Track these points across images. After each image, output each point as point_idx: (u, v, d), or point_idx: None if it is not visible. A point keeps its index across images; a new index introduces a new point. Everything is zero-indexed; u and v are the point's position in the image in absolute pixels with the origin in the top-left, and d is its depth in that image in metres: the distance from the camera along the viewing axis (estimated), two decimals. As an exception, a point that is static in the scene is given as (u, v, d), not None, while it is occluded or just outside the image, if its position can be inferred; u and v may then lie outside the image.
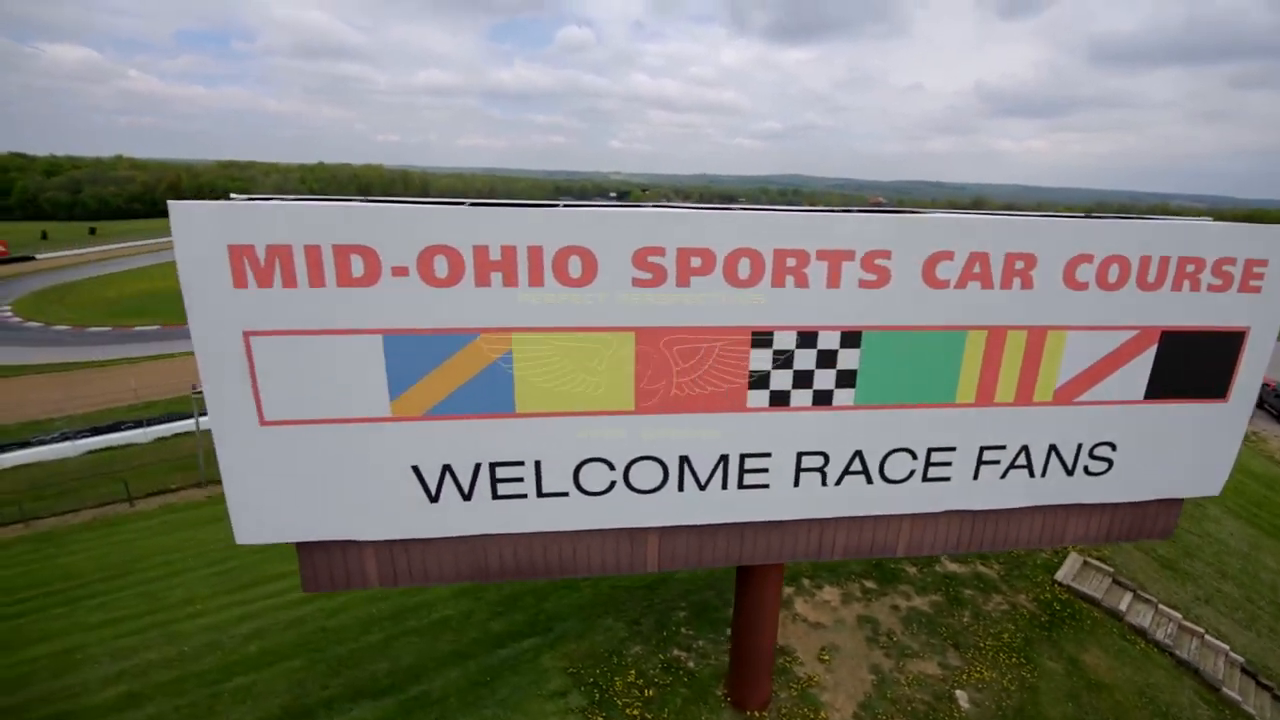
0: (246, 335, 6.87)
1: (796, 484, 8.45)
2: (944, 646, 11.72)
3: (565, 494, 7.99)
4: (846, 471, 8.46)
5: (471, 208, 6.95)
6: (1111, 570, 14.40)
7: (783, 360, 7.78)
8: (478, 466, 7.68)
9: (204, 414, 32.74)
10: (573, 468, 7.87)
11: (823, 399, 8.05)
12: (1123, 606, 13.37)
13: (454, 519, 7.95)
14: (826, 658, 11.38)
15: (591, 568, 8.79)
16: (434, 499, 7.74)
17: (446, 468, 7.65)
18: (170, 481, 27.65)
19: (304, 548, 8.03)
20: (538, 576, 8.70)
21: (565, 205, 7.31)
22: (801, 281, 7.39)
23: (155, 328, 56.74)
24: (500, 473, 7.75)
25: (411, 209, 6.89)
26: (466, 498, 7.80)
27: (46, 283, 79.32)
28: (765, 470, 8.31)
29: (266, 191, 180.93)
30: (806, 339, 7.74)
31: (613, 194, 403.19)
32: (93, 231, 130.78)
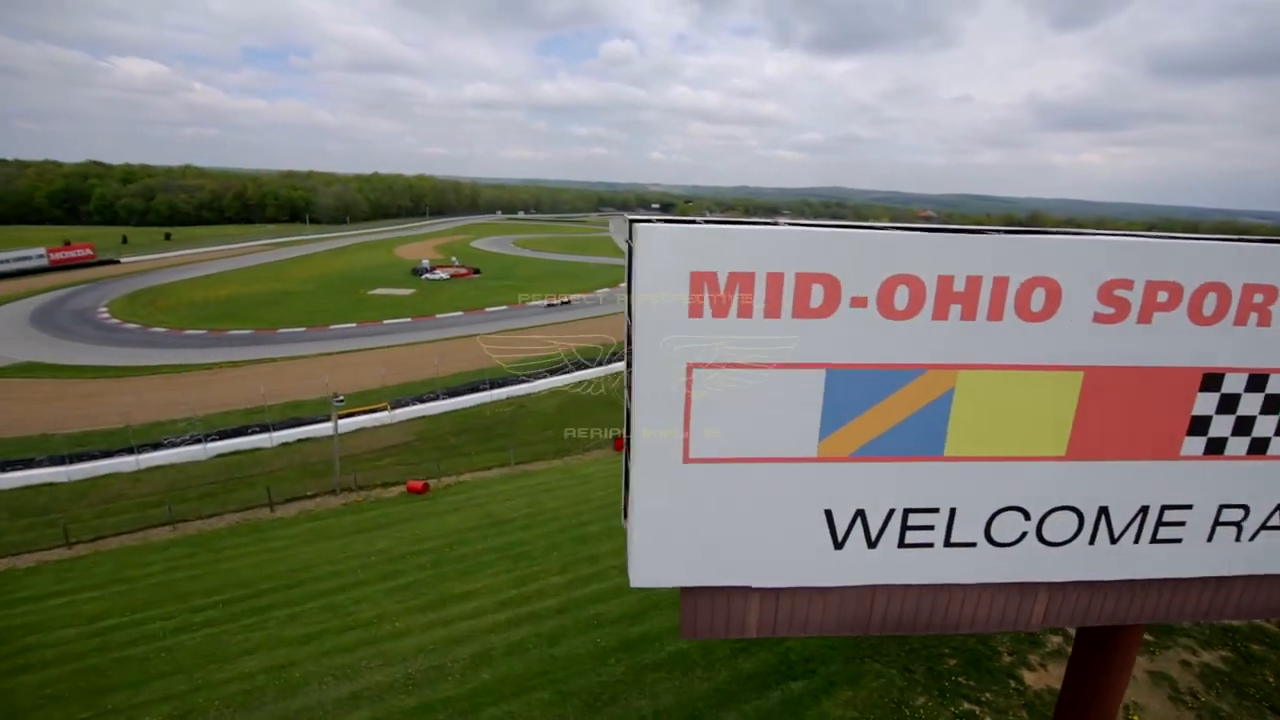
0: (690, 368, 6.41)
1: (1210, 538, 7.66)
2: (1261, 710, 10.73)
3: (973, 544, 7.31)
4: (1265, 526, 7.64)
5: (942, 234, 6.39)
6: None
7: (1227, 405, 7.03)
8: (891, 512, 7.06)
9: (343, 416, 33.23)
10: (987, 517, 7.19)
11: (1258, 447, 7.25)
12: None
13: (852, 567, 7.35)
14: (1136, 718, 10.50)
15: (975, 623, 8.11)
16: (839, 545, 7.14)
17: (859, 513, 7.05)
18: (305, 487, 27.91)
19: (688, 593, 7.50)
20: (917, 631, 8.04)
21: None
22: (1265, 320, 6.64)
23: (248, 332, 58.16)
24: (913, 519, 7.12)
25: (879, 235, 6.34)
26: (871, 545, 7.18)
27: (133, 286, 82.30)
28: (1182, 524, 7.53)
29: (328, 200, 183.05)
30: (1256, 382, 6.96)
31: (655, 205, 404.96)
32: (168, 237, 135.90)
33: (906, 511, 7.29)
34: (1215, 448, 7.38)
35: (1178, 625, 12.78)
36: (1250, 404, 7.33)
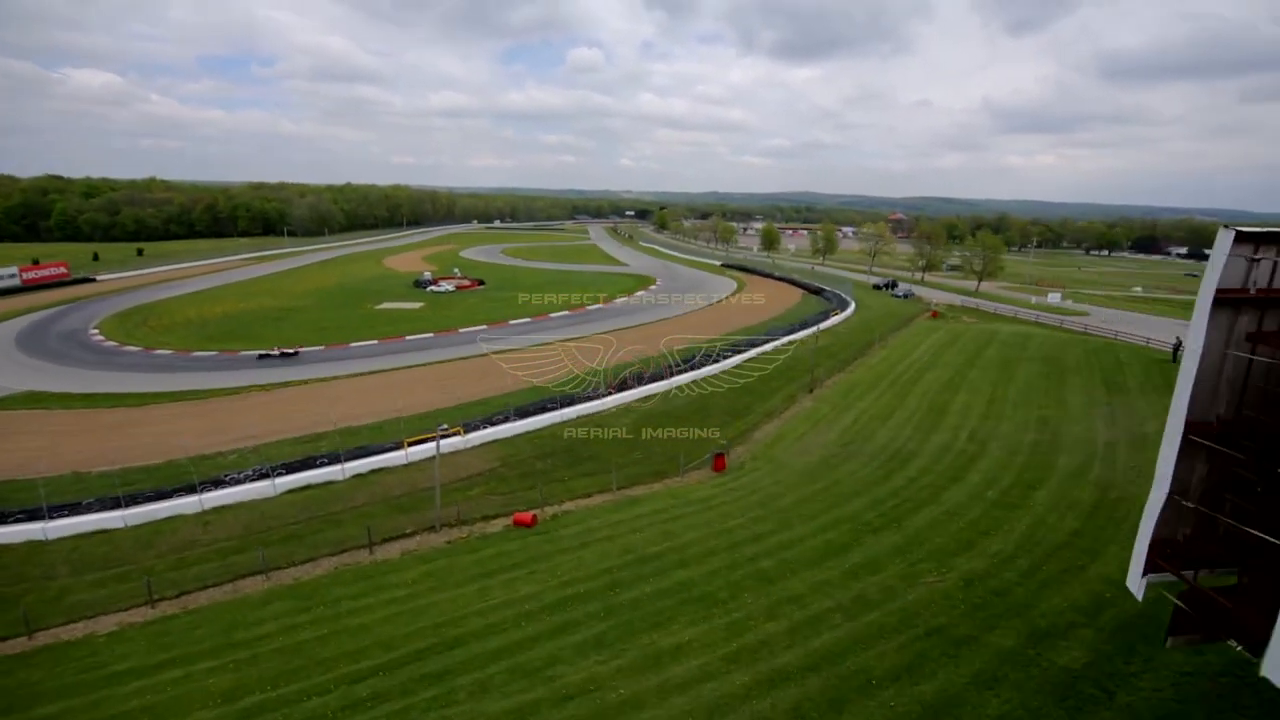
0: None
1: None
2: None
3: None
4: None
5: None
6: None
7: None
8: None
9: (413, 442, 30.74)
10: None
11: None
12: None
13: None
14: None
15: None
16: None
17: None
18: (398, 524, 25.54)
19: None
20: None
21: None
22: None
23: (261, 352, 54.79)
24: None
25: None
26: None
27: (119, 305, 77.58)
28: None
29: (303, 212, 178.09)
30: None
31: (629, 212, 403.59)
32: (140, 253, 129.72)
33: None
34: None
35: None
36: None
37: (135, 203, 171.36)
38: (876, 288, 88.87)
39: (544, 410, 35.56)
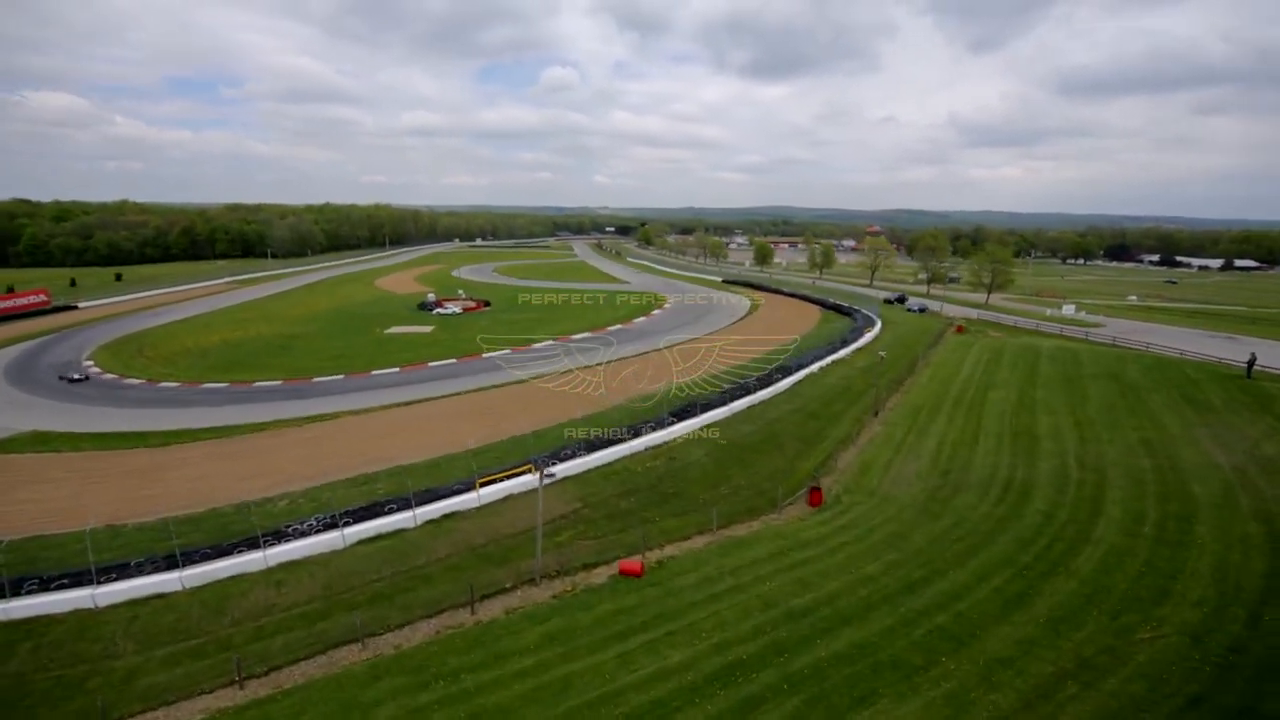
0: None
1: None
2: None
3: None
4: None
5: None
6: None
7: None
8: None
9: (485, 482, 28.54)
10: None
11: None
12: None
13: None
14: None
15: None
16: None
17: None
18: (491, 578, 23.32)
19: None
20: None
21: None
22: None
23: (277, 383, 51.92)
24: None
25: None
26: None
27: (109, 334, 73.58)
28: None
29: (284, 233, 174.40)
30: None
31: (609, 229, 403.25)
32: (119, 278, 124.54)
33: None
34: None
35: None
36: None
37: (108, 226, 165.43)
38: (888, 302, 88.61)
39: (612, 443, 33.60)
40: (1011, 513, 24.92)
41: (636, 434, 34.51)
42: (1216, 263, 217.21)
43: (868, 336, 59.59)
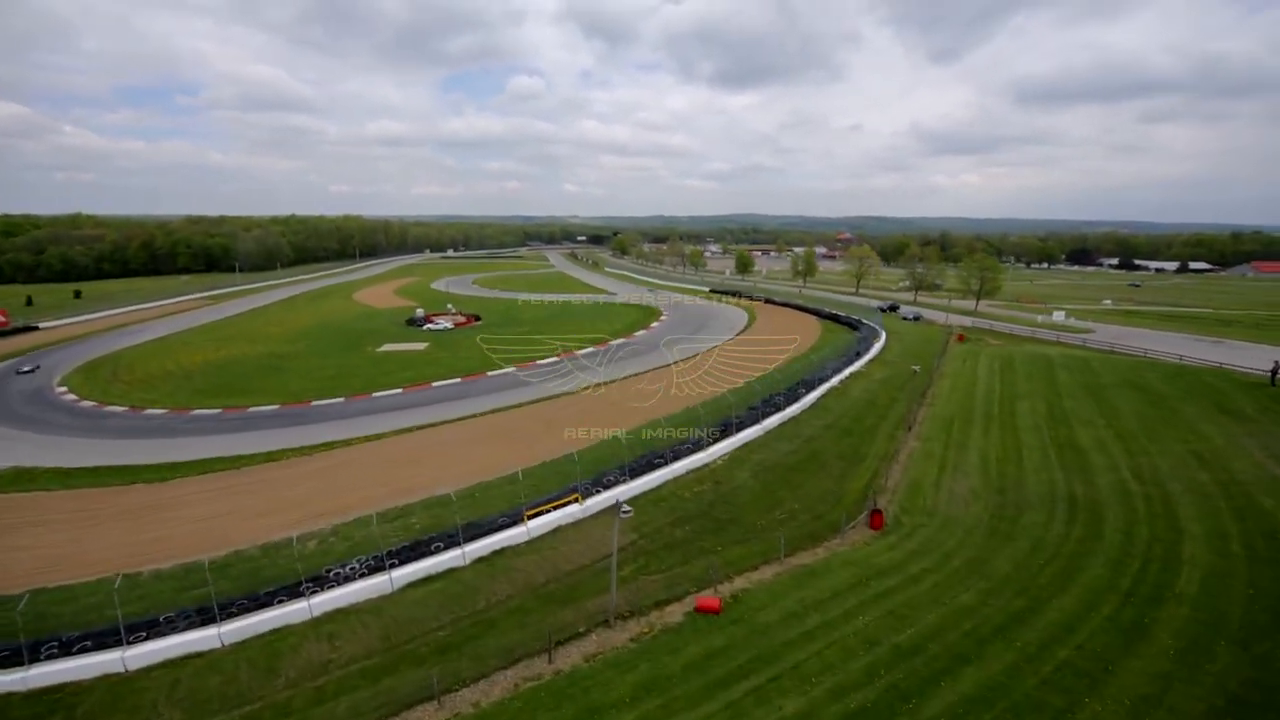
0: None
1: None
2: None
3: None
4: None
5: None
6: None
7: None
8: None
9: (532, 515, 26.99)
10: None
11: None
12: None
13: None
14: None
15: None
16: None
17: None
18: (564, 620, 21.88)
19: None
20: None
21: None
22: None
23: (274, 408, 49.38)
24: None
25: None
26: None
27: (78, 356, 69.51)
28: None
29: (250, 246, 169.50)
30: None
31: (581, 237, 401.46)
32: (78, 295, 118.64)
33: None
34: None
35: None
36: None
37: (62, 240, 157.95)
38: (880, 310, 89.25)
39: (653, 467, 32.41)
40: (1089, 533, 24.52)
41: (677, 457, 33.39)
42: (1172, 265, 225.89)
43: (876, 347, 59.56)
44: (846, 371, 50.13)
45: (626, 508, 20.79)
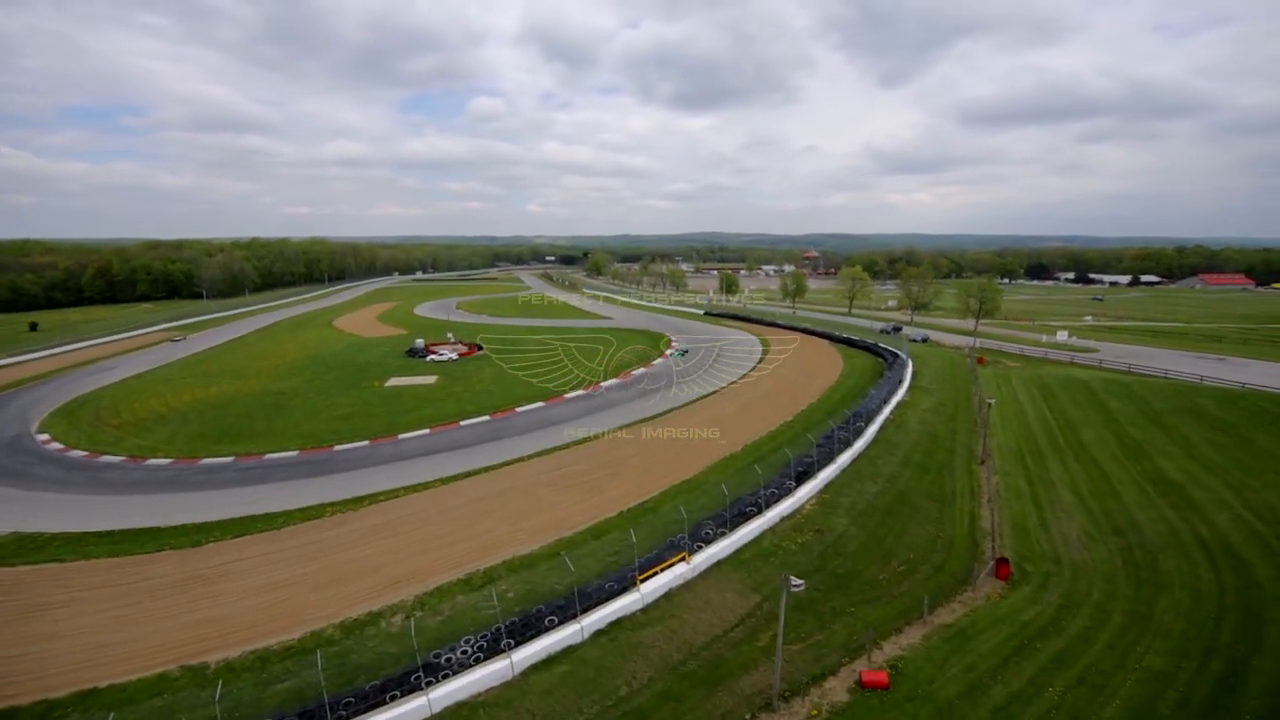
0: None
1: None
2: None
3: None
4: None
5: None
6: None
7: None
8: None
9: (644, 578, 24.59)
10: None
11: None
12: None
13: None
14: None
15: None
16: None
17: None
18: (721, 706, 19.81)
19: None
20: None
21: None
22: None
23: (294, 454, 45.85)
24: None
25: None
26: None
27: (48, 399, 63.66)
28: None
29: (214, 271, 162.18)
30: None
31: (550, 258, 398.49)
32: (34, 327, 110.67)
33: None
34: None
35: None
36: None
37: (9, 268, 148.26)
38: (884, 332, 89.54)
39: (746, 516, 30.62)
40: (1242, 580, 23.73)
41: (770, 504, 31.68)
42: (1125, 279, 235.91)
43: (909, 374, 59.15)
44: (894, 401, 49.36)
45: (797, 581, 18.93)
